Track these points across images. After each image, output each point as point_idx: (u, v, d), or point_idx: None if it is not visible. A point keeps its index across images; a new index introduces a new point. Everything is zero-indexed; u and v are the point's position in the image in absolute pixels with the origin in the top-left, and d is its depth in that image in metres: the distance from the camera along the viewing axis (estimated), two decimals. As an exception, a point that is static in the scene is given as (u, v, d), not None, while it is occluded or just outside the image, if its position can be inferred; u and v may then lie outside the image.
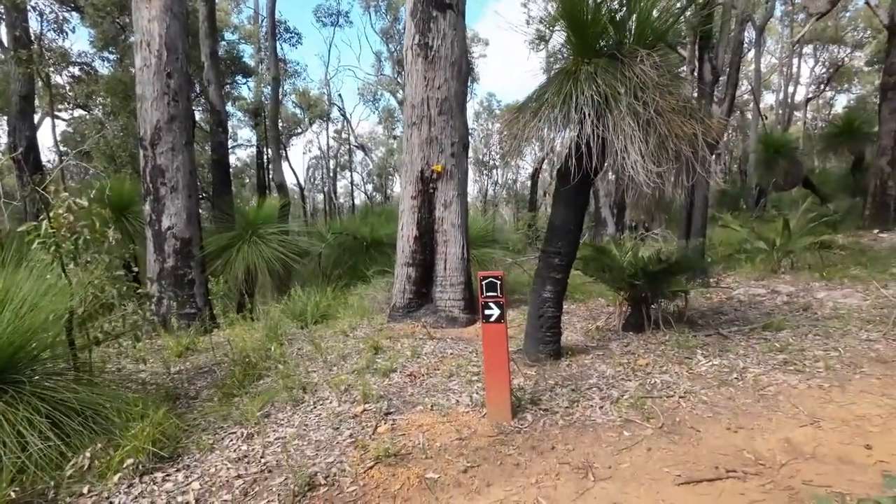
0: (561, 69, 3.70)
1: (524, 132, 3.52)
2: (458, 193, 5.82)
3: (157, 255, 6.61)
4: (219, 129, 13.15)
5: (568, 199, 3.86)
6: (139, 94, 6.51)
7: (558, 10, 3.65)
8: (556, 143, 3.43)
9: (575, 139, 3.38)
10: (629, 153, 3.22)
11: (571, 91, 3.40)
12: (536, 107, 3.52)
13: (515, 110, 3.71)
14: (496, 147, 33.34)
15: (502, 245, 11.70)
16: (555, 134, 3.42)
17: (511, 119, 3.64)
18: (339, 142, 34.54)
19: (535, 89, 3.78)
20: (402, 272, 5.93)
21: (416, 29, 5.47)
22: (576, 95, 3.38)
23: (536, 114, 3.49)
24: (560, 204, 3.94)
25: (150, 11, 6.32)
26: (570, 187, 3.68)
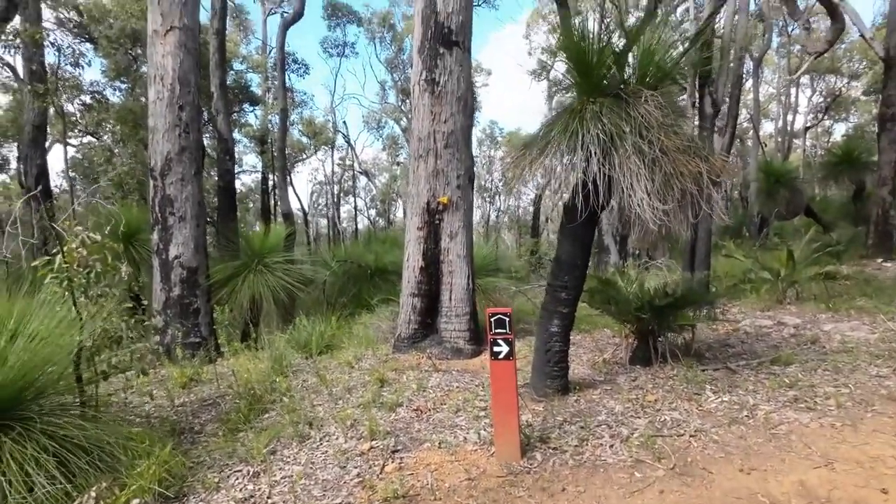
0: (566, 108, 3.78)
1: (531, 168, 3.58)
2: (463, 224, 5.87)
3: (164, 284, 6.63)
4: (226, 157, 13.34)
5: (574, 235, 3.89)
6: (151, 125, 6.65)
7: (562, 49, 3.75)
8: (562, 181, 3.48)
9: (581, 176, 3.43)
10: (635, 191, 3.27)
11: (577, 129, 3.47)
12: (543, 144, 3.59)
13: (522, 146, 3.78)
14: (498, 174, 33.68)
15: (506, 273, 11.73)
16: (561, 171, 3.47)
17: (518, 156, 3.70)
18: (343, 168, 34.96)
19: (540, 126, 3.85)
20: (407, 302, 5.93)
21: (423, 65, 5.61)
22: (582, 134, 3.44)
23: (543, 151, 3.55)
24: (566, 239, 3.97)
25: (164, 47, 6.50)
26: (577, 223, 3.72)
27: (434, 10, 5.54)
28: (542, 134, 3.71)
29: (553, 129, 3.65)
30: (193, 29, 6.72)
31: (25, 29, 10.09)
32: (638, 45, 3.59)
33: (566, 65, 3.72)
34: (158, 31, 6.52)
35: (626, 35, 3.77)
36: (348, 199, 37.30)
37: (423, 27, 5.60)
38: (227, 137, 13.37)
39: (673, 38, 3.72)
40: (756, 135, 20.97)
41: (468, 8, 5.68)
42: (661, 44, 3.60)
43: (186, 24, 6.58)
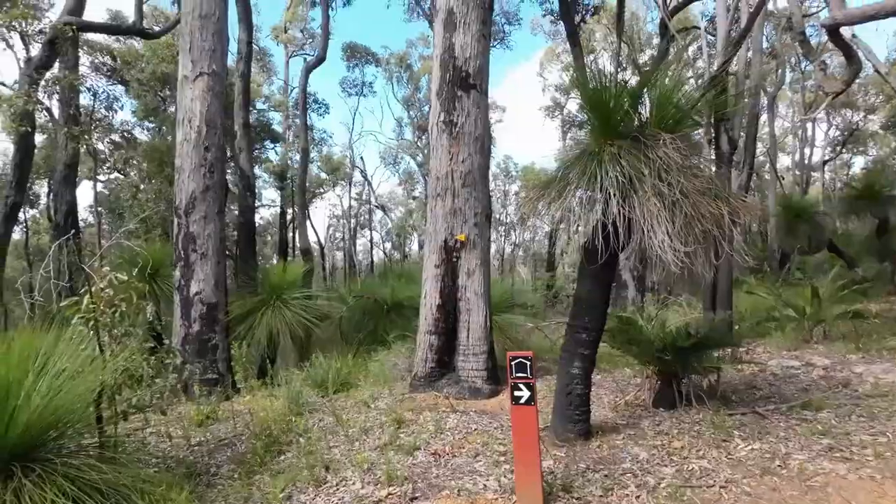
0: (584, 150, 3.83)
1: (549, 210, 3.60)
2: (480, 262, 5.88)
3: (184, 320, 6.71)
4: (247, 193, 13.68)
5: (594, 275, 3.87)
6: (178, 165, 6.88)
7: (579, 93, 3.82)
8: (581, 222, 3.48)
9: (601, 218, 3.43)
10: (655, 232, 3.26)
11: (596, 171, 3.50)
12: (562, 186, 3.62)
13: (540, 186, 3.81)
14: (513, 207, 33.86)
15: (522, 308, 11.62)
16: (581, 212, 3.48)
17: (536, 197, 3.73)
18: (359, 202, 35.52)
19: (558, 167, 3.90)
20: (424, 340, 5.90)
21: (441, 107, 5.76)
22: (600, 176, 3.47)
23: (562, 193, 3.58)
24: (586, 279, 3.95)
25: (193, 91, 6.79)
26: (597, 264, 3.70)
27: (452, 56, 5.72)
28: (561, 175, 3.74)
29: (571, 171, 3.68)
30: (221, 74, 7.02)
31: (65, 76, 10.62)
32: (654, 88, 3.65)
33: (583, 107, 3.78)
34: (188, 77, 6.82)
35: (640, 76, 3.82)
36: (364, 233, 37.75)
37: (442, 71, 5.78)
38: (248, 174, 13.74)
39: (688, 79, 3.75)
40: (773, 169, 20.86)
41: (485, 53, 5.85)
42: (677, 86, 3.65)
43: (215, 69, 6.88)
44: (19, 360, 3.11)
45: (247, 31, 13.67)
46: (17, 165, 9.69)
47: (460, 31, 5.67)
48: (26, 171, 10.19)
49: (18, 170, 9.68)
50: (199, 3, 6.82)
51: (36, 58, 9.54)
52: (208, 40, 6.84)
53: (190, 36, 6.82)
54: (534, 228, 35.83)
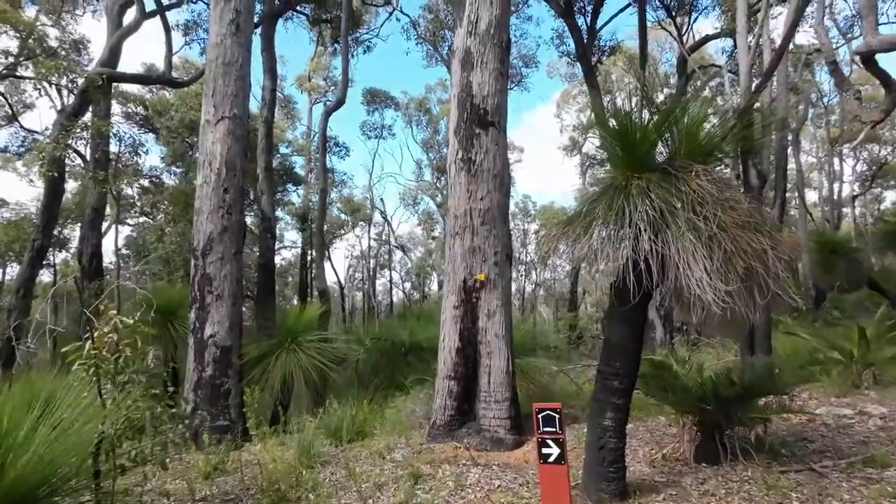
0: (610, 184, 3.63)
1: (573, 248, 3.38)
2: (501, 303, 5.62)
3: (197, 363, 6.55)
4: (267, 235, 13.76)
5: (625, 317, 3.59)
6: (197, 207, 6.90)
7: (602, 126, 3.66)
8: (610, 260, 3.25)
9: (632, 255, 3.19)
10: (692, 270, 3.00)
11: (624, 206, 3.29)
12: (587, 222, 3.41)
13: (563, 223, 3.60)
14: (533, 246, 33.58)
15: (544, 349, 11.19)
16: (609, 250, 3.24)
17: (558, 234, 3.52)
18: (379, 242, 35.75)
19: (582, 202, 3.70)
20: (442, 386, 5.59)
21: (459, 145, 5.68)
22: (629, 210, 3.26)
23: (588, 230, 3.36)
24: (616, 320, 3.67)
25: (214, 135, 6.88)
26: (628, 305, 3.43)
27: (470, 94, 5.68)
28: (585, 210, 3.53)
29: (597, 206, 3.47)
30: (242, 118, 7.12)
31: (94, 122, 11.02)
32: (682, 119, 3.46)
33: (606, 140, 3.62)
34: (210, 121, 6.93)
35: (661, 111, 3.66)
36: (384, 273, 37.76)
37: (459, 110, 5.73)
38: (269, 216, 13.87)
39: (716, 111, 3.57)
40: (803, 203, 20.31)
41: (503, 91, 5.80)
42: (705, 117, 3.47)
43: (236, 113, 6.99)
44: (13, 408, 2.95)
45: (271, 80, 14.11)
46: (45, 209, 9.94)
47: (478, 70, 5.65)
48: (54, 215, 10.45)
49: (46, 213, 9.93)
50: (224, 51, 7.01)
51: (69, 106, 9.96)
52: (231, 86, 6.99)
53: (213, 82, 6.98)
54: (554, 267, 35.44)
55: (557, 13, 13.86)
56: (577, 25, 13.57)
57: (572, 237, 3.46)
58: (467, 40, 5.71)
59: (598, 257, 3.28)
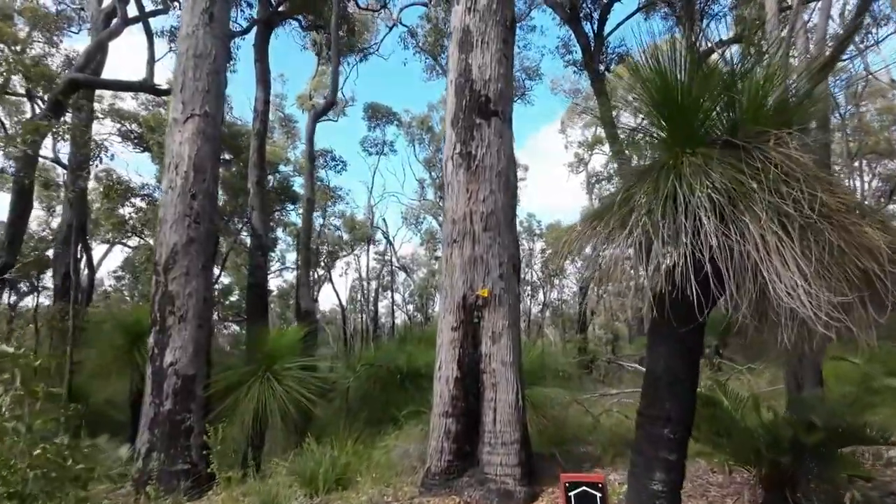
0: (652, 164, 2.76)
1: (607, 246, 2.49)
2: (508, 323, 4.71)
3: (155, 396, 5.65)
4: (258, 253, 12.92)
5: (675, 340, 2.68)
6: (160, 216, 6.09)
7: (642, 91, 2.81)
8: (659, 260, 2.35)
9: (688, 254, 2.29)
10: (780, 273, 2.10)
11: (676, 190, 2.40)
12: (624, 213, 2.52)
13: (591, 218, 2.72)
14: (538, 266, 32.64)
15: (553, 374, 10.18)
16: (657, 247, 2.35)
17: (585, 231, 2.63)
18: (381, 263, 34.94)
19: (615, 190, 2.82)
20: (439, 425, 4.64)
21: (457, 137, 4.86)
22: (682, 195, 2.37)
23: (625, 222, 2.47)
24: (663, 345, 2.76)
25: (182, 134, 6.11)
26: (680, 322, 2.51)
27: (469, 79, 4.88)
28: (621, 199, 2.65)
29: (636, 192, 2.59)
30: (215, 116, 6.36)
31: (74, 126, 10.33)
32: (751, 76, 2.61)
33: (646, 107, 2.77)
34: (178, 119, 6.17)
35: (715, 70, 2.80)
36: (386, 295, 36.83)
37: (457, 97, 4.92)
38: (261, 233, 13.06)
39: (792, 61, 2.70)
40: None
41: (507, 77, 5.01)
42: (782, 73, 2.61)
43: (207, 111, 6.23)
44: None
45: (264, 91, 13.49)
46: (11, 224, 9.18)
47: (478, 51, 4.86)
48: (20, 231, 9.68)
49: (12, 229, 9.16)
50: (196, 42, 6.29)
51: (39, 114, 9.28)
52: (202, 80, 6.24)
53: (183, 76, 6.24)
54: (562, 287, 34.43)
55: (563, 19, 13.25)
56: (584, 32, 12.94)
57: (603, 234, 2.57)
58: (466, 18, 4.94)
59: (643, 259, 2.38)
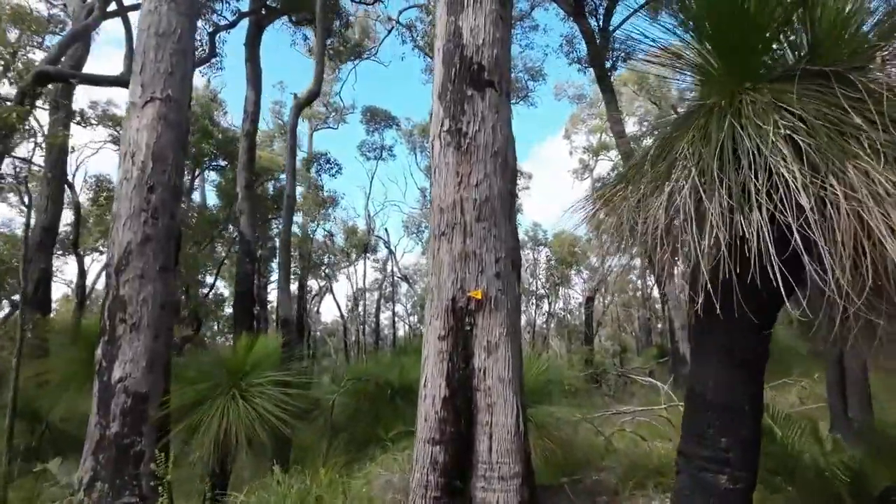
0: (696, 108, 2.02)
1: (644, 212, 1.74)
2: (506, 332, 3.94)
3: (101, 416, 4.89)
4: (246, 259, 12.25)
5: (737, 347, 1.91)
6: (114, 212, 5.39)
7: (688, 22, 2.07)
8: (717, 228, 1.59)
9: (762, 220, 1.54)
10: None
11: (736, 135, 1.66)
12: (664, 169, 1.77)
13: (616, 181, 1.98)
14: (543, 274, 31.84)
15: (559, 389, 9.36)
16: (714, 213, 1.60)
17: (613, 195, 1.89)
18: (383, 274, 34.27)
19: (647, 147, 2.08)
20: (423, 454, 3.86)
21: (444, 112, 4.14)
22: (748, 140, 1.62)
23: (666, 178, 1.72)
24: (715, 356, 1.99)
25: (140, 120, 5.43)
26: (738, 320, 1.75)
27: (459, 44, 4.17)
28: (655, 155, 1.90)
29: (678, 143, 1.84)
30: (179, 101, 5.68)
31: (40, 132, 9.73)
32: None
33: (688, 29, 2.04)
34: (136, 104, 5.50)
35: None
36: (388, 306, 36.09)
37: (445, 66, 4.21)
38: (249, 239, 12.39)
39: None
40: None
41: (504, 43, 4.30)
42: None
43: (170, 94, 5.55)
44: None
45: (255, 92, 12.94)
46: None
47: (469, 11, 4.17)
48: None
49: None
50: (158, 19, 5.64)
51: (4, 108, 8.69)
52: (165, 61, 5.58)
53: (143, 56, 5.58)
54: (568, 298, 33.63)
55: (567, 13, 12.63)
56: (589, 26, 12.30)
57: (633, 199, 1.82)
58: (455, -26, 4.25)
59: (691, 229, 1.63)
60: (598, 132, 27.64)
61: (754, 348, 1.93)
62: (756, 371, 1.98)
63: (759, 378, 2.00)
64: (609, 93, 12.51)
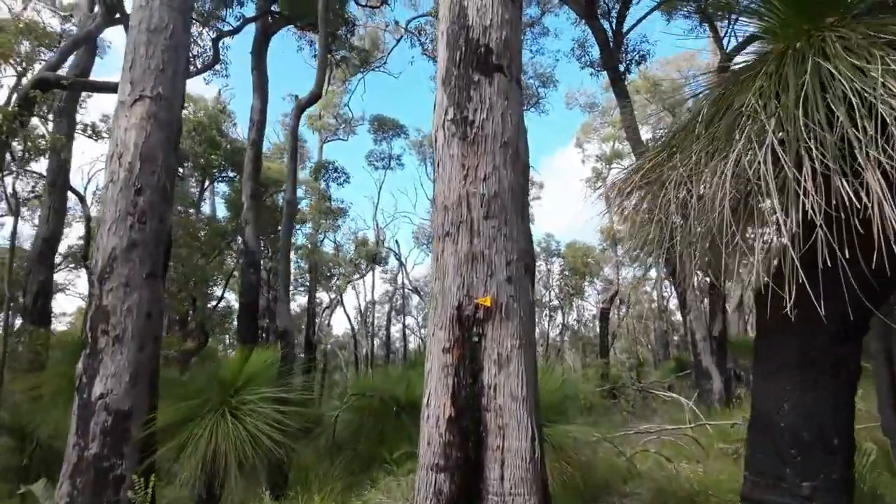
0: (757, 59, 1.59)
1: (696, 185, 1.31)
2: (519, 343, 3.50)
3: (79, 437, 4.54)
4: (250, 270, 11.94)
5: (825, 356, 1.45)
6: (100, 216, 5.09)
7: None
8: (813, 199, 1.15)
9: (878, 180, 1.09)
10: None
11: (826, 77, 1.22)
12: (723, 129, 1.34)
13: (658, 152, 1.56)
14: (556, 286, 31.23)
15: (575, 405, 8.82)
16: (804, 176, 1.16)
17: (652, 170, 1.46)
18: (393, 286, 33.92)
19: (696, 107, 1.66)
20: (426, 481, 3.40)
21: (449, 100, 3.76)
22: (845, 82, 1.18)
23: (726, 140, 1.29)
24: (788, 370, 1.54)
25: (128, 119, 5.14)
26: (828, 326, 1.30)
27: (464, 25, 3.80)
28: (710, 114, 1.47)
29: (741, 98, 1.41)
30: (170, 99, 5.38)
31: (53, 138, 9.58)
32: None
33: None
34: (125, 102, 5.22)
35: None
36: (399, 319, 35.67)
37: (450, 50, 3.84)
38: (254, 249, 12.10)
39: None
40: None
41: (513, 22, 3.92)
42: None
43: (161, 92, 5.26)
44: None
45: (261, 100, 12.75)
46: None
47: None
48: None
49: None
50: (150, 14, 5.38)
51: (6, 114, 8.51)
52: (156, 57, 5.30)
53: (133, 53, 5.31)
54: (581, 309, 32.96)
55: (579, 15, 12.30)
56: (602, 27, 11.95)
57: (683, 169, 1.39)
58: (460, -49, 3.89)
59: (772, 196, 1.20)
60: (610, 140, 27.18)
61: (845, 359, 1.48)
62: (847, 391, 1.52)
63: (850, 399, 1.54)
64: (623, 97, 12.11)
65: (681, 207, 1.46)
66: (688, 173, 1.41)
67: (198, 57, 12.67)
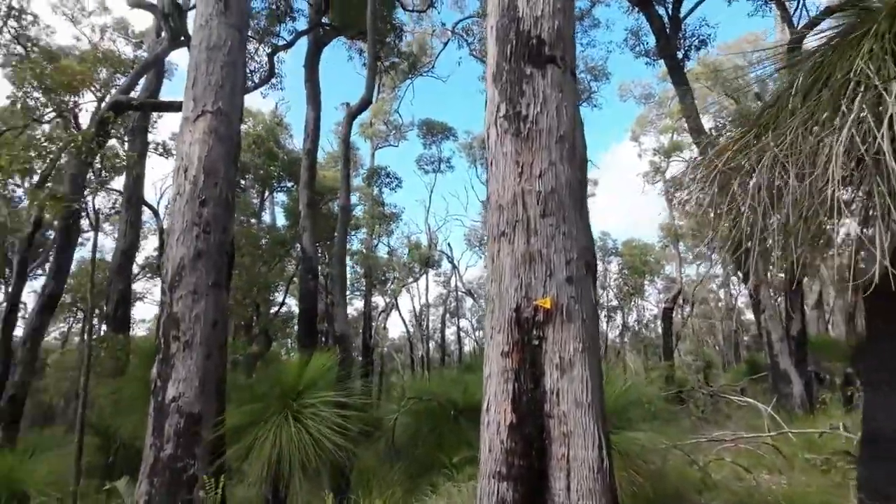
0: (859, 21, 1.38)
1: (795, 163, 1.14)
2: (582, 346, 3.32)
3: (155, 438, 4.77)
4: (309, 276, 12.29)
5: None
6: (168, 227, 5.35)
7: None
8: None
9: None
10: None
11: None
12: (826, 99, 1.17)
13: (745, 132, 1.39)
14: (614, 286, 30.18)
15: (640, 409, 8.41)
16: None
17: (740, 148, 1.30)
18: (447, 289, 34.03)
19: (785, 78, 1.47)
20: (488, 491, 3.29)
21: (500, 96, 3.64)
22: None
23: (831, 110, 1.12)
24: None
25: (192, 134, 5.39)
26: None
27: (515, 18, 3.68)
28: (808, 83, 1.29)
29: (844, 62, 1.22)
30: (230, 114, 5.60)
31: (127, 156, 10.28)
32: None
33: None
34: (189, 118, 5.48)
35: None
36: (454, 321, 35.75)
37: (500, 44, 3.73)
38: (311, 255, 12.45)
39: None
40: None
41: (566, 11, 3.75)
42: None
43: (221, 108, 5.48)
44: None
45: (315, 110, 13.13)
46: (59, 254, 9.06)
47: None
48: (67, 259, 9.58)
49: (59, 258, 9.04)
50: (209, 33, 5.63)
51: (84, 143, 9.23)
52: (215, 73, 5.54)
53: (195, 70, 5.57)
54: (642, 309, 31.71)
55: (632, 3, 11.82)
56: (658, 14, 11.41)
57: (778, 147, 1.23)
58: (508, -58, 3.78)
59: None
60: (668, 132, 25.99)
61: None
62: None
63: None
64: (683, 85, 11.50)
65: (772, 194, 1.28)
66: (784, 153, 1.23)
67: (255, 72, 13.23)
